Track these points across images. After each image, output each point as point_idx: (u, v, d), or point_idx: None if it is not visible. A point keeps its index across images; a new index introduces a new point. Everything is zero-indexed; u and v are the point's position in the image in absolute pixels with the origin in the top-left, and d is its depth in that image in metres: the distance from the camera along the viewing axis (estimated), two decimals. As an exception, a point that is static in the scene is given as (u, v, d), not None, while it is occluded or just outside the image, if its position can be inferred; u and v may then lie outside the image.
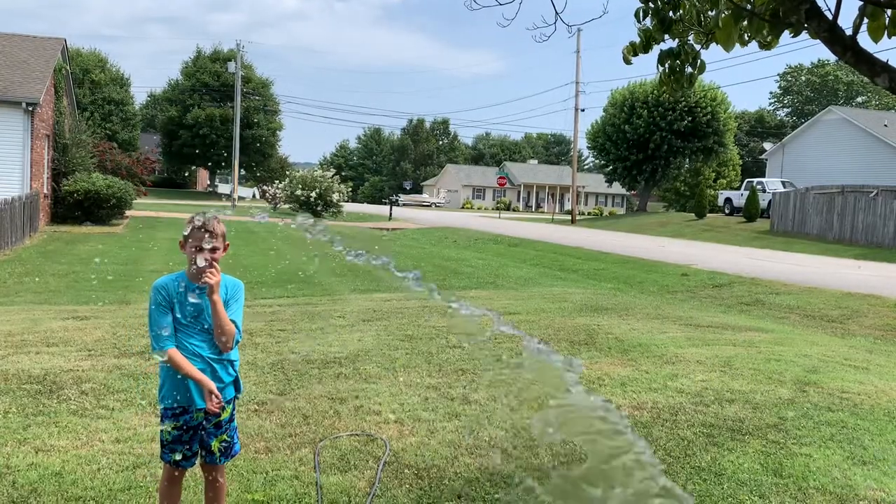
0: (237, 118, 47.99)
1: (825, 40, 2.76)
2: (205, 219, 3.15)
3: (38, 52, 23.76)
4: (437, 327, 8.53)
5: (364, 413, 5.22)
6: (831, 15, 2.77)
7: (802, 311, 11.68)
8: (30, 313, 9.16)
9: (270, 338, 7.64)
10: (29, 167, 20.74)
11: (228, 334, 3.14)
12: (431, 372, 6.40)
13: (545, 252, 22.47)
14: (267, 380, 5.97)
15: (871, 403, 5.75)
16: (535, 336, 6.66)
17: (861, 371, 6.98)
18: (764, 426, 5.13)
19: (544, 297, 12.17)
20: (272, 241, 22.83)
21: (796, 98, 77.33)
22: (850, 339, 9.28)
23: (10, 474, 4.00)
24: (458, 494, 3.95)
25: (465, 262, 19.03)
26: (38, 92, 20.93)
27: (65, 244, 18.85)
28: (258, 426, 4.87)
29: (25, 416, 4.95)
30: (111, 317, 8.92)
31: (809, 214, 29.04)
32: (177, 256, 12.11)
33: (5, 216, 16.03)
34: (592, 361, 6.92)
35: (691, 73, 3.74)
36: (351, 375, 6.21)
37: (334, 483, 4.03)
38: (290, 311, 9.64)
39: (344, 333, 8.07)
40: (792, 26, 2.81)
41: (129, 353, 6.76)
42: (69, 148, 25.33)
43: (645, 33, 3.74)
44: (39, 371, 5.99)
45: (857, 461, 4.55)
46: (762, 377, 6.46)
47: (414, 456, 4.44)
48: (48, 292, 11.51)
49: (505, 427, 5.02)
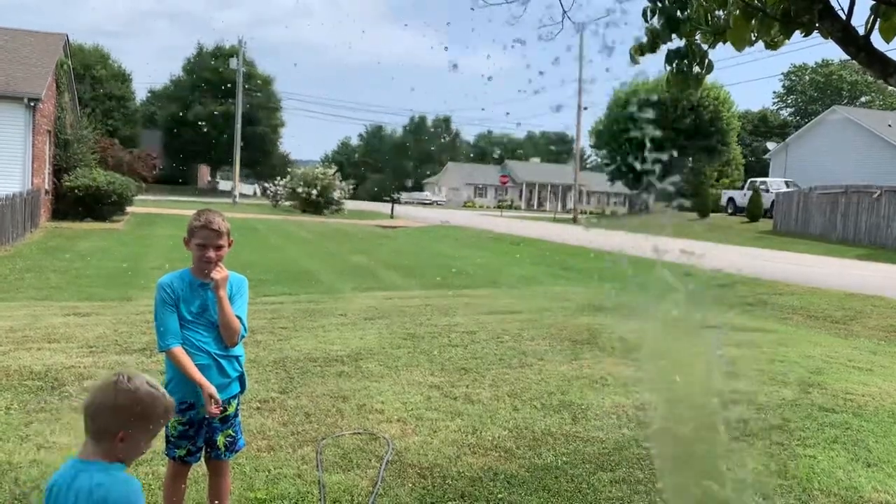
0: (239, 115, 47.99)
1: (838, 40, 2.73)
2: (209, 216, 3.15)
3: (40, 47, 23.73)
4: (438, 325, 8.51)
5: (366, 411, 5.20)
6: (844, 15, 2.75)
7: (806, 312, 11.65)
8: (31, 309, 9.15)
9: (272, 335, 7.63)
10: (30, 163, 20.73)
11: (234, 329, 3.15)
12: (434, 371, 6.39)
13: (546, 251, 22.45)
14: (269, 377, 5.96)
15: (875, 405, 5.73)
16: (537, 335, 6.65)
17: (865, 372, 6.96)
18: (768, 427, 5.11)
19: (546, 296, 12.16)
20: (273, 239, 22.82)
21: (800, 97, 77.18)
22: (853, 341, 9.25)
23: (12, 471, 3.99)
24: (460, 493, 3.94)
25: (467, 260, 19.01)
26: (39, 87, 20.90)
27: (66, 240, 18.84)
28: (260, 424, 4.86)
29: (27, 412, 4.94)
30: (112, 313, 8.90)
31: (813, 214, 28.99)
32: (177, 253, 12.05)
33: (6, 212, 16.02)
34: (595, 361, 6.90)
35: (698, 72, 3.72)
36: (353, 374, 6.20)
37: (337, 482, 4.01)
38: (292, 309, 9.62)
39: (346, 331, 8.05)
40: (803, 26, 2.79)
41: (131, 350, 6.76)
42: (70, 144, 25.31)
43: (652, 33, 3.72)
44: (41, 367, 5.98)
45: (861, 463, 4.53)
46: (766, 378, 6.44)
47: (417, 455, 4.43)
48: (49, 288, 11.50)
49: (507, 426, 5.00)
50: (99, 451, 1.94)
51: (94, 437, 1.95)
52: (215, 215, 3.18)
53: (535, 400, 5.60)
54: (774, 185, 36.16)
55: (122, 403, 1.93)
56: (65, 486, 1.91)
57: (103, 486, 1.87)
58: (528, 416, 5.24)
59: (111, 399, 1.94)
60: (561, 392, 5.82)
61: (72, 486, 1.90)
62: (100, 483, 1.87)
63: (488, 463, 4.37)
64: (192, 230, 3.15)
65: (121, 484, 1.90)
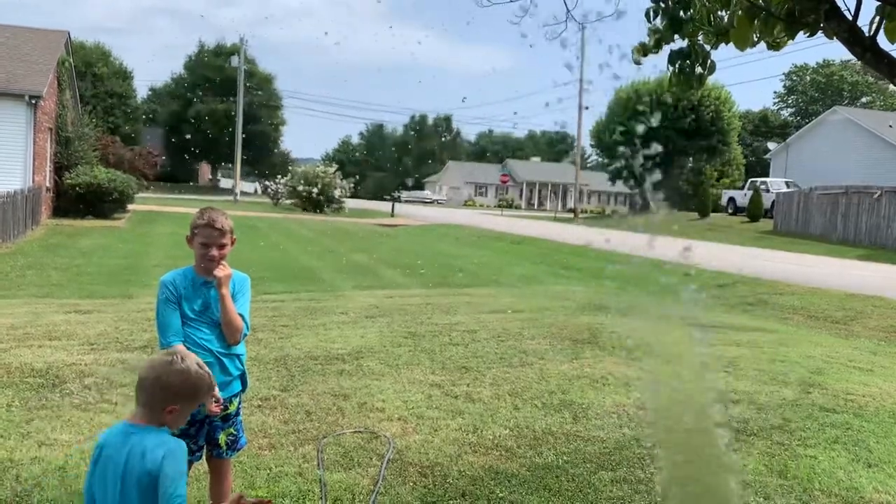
0: (240, 113, 47.99)
1: (844, 41, 2.73)
2: (212, 215, 3.15)
3: (41, 44, 23.73)
4: (439, 324, 8.52)
5: (367, 410, 5.21)
6: (850, 15, 2.75)
7: (806, 312, 11.65)
8: (32, 306, 9.16)
9: (273, 333, 7.63)
10: (31, 160, 20.73)
11: (236, 327, 3.16)
12: (435, 369, 6.39)
13: (548, 250, 22.45)
14: (270, 375, 5.96)
15: (875, 405, 5.73)
16: (539, 334, 6.64)
17: (865, 373, 6.95)
18: (768, 427, 5.12)
19: (547, 295, 12.16)
20: (273, 237, 22.83)
21: (801, 98, 77.11)
22: (854, 341, 9.26)
23: (13, 468, 3.99)
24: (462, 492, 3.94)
25: (468, 259, 19.02)
26: (41, 85, 20.90)
27: (67, 237, 18.84)
28: (261, 422, 4.86)
29: (28, 409, 4.94)
30: (113, 311, 8.91)
31: (813, 215, 28.99)
32: (179, 251, 12.05)
33: (7, 209, 16.02)
34: (596, 360, 6.90)
35: (701, 73, 3.72)
36: (354, 372, 6.20)
37: (338, 480, 4.02)
38: (293, 307, 9.63)
39: (347, 330, 8.06)
40: (808, 26, 2.79)
41: (132, 348, 6.76)
42: (72, 141, 25.31)
43: (655, 33, 3.72)
44: (42, 365, 5.98)
45: (862, 463, 4.53)
46: (766, 378, 6.44)
47: (418, 454, 4.43)
48: (50, 286, 11.51)
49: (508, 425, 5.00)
50: (148, 418, 2.19)
51: (144, 406, 2.20)
52: (218, 214, 3.19)
53: (535, 399, 5.60)
54: (775, 185, 36.15)
55: (174, 382, 2.19)
56: (117, 445, 2.16)
57: (154, 446, 2.12)
58: (529, 415, 5.25)
59: (165, 377, 2.18)
60: (562, 391, 5.82)
61: (124, 445, 2.15)
62: (151, 444, 2.13)
63: (489, 462, 4.37)
64: (195, 228, 3.16)
65: (170, 444, 2.17)
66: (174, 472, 2.12)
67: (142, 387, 2.22)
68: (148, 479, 2.10)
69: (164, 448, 2.14)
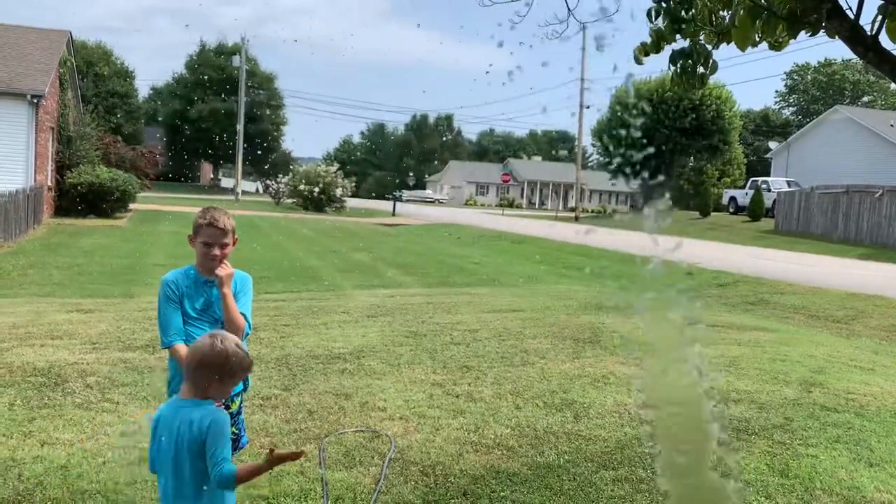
0: (241, 112, 48.01)
1: (846, 40, 2.73)
2: (214, 214, 3.15)
3: (43, 44, 23.74)
4: (441, 323, 8.52)
5: (369, 409, 5.21)
6: (852, 14, 2.74)
7: (807, 312, 11.65)
8: (34, 305, 9.17)
9: (275, 332, 7.64)
10: (33, 159, 20.75)
11: (238, 327, 3.16)
12: (436, 369, 6.39)
13: (549, 250, 22.45)
14: (271, 375, 5.97)
15: (877, 405, 5.73)
16: (540, 334, 6.63)
17: (867, 372, 6.95)
18: (770, 426, 5.11)
19: (549, 294, 12.16)
20: (275, 236, 22.84)
21: (802, 97, 77.06)
22: (855, 340, 9.25)
23: (15, 467, 4.00)
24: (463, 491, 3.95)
25: (469, 258, 19.03)
26: (42, 84, 20.92)
27: (69, 237, 18.86)
28: (263, 421, 4.87)
29: (30, 408, 4.95)
30: (115, 310, 8.92)
31: (814, 214, 28.96)
32: (180, 250, 12.05)
33: (9, 208, 16.04)
34: (598, 360, 6.90)
35: (703, 73, 3.72)
36: (355, 371, 6.21)
37: (340, 479, 4.02)
38: (294, 306, 9.64)
39: (348, 329, 8.06)
40: (810, 25, 2.79)
41: (134, 347, 6.77)
42: (73, 140, 25.33)
43: (657, 33, 3.72)
44: (44, 364, 5.99)
45: (863, 463, 4.53)
46: (768, 377, 6.44)
47: (419, 453, 4.44)
48: (52, 285, 11.52)
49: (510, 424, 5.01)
50: (194, 392, 2.50)
51: (191, 382, 2.50)
52: (220, 213, 3.19)
53: (537, 398, 5.60)
54: (776, 184, 36.13)
55: (215, 361, 2.47)
56: (170, 417, 2.48)
57: (201, 417, 2.43)
58: (531, 414, 5.25)
59: (209, 356, 2.47)
60: (563, 390, 5.82)
61: (176, 417, 2.46)
62: (198, 415, 2.44)
63: (490, 461, 4.37)
64: (198, 228, 3.16)
65: (215, 413, 2.46)
66: (219, 438, 2.42)
67: (188, 366, 2.52)
68: (197, 445, 2.42)
69: (210, 417, 2.43)
